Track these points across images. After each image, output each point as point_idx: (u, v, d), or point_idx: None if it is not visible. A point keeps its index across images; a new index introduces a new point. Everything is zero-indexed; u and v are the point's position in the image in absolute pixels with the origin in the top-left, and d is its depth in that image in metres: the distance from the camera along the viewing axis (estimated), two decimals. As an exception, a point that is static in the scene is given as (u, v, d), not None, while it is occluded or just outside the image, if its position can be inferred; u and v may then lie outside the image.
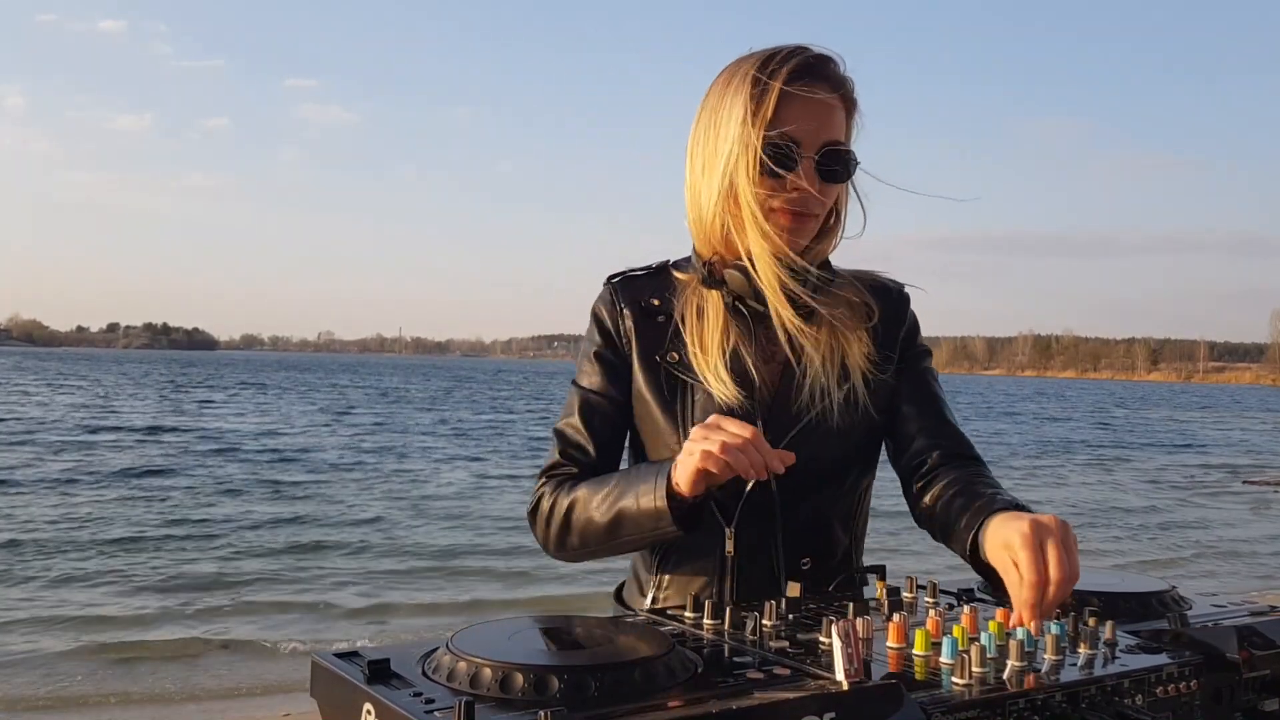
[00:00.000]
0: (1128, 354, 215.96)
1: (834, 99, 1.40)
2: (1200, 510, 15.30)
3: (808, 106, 1.37)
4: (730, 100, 1.39)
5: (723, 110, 1.40)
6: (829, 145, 1.39)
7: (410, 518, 12.31)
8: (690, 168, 1.46)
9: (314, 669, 0.98)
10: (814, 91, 1.37)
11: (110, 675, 6.12)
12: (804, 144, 1.37)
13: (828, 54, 1.40)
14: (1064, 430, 34.57)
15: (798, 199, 1.39)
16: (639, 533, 1.32)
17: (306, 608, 7.94)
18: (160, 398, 38.23)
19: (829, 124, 1.39)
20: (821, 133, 1.39)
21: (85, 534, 10.58)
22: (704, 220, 1.44)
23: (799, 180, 1.38)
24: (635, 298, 1.51)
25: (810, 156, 1.38)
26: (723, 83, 1.42)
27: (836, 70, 1.41)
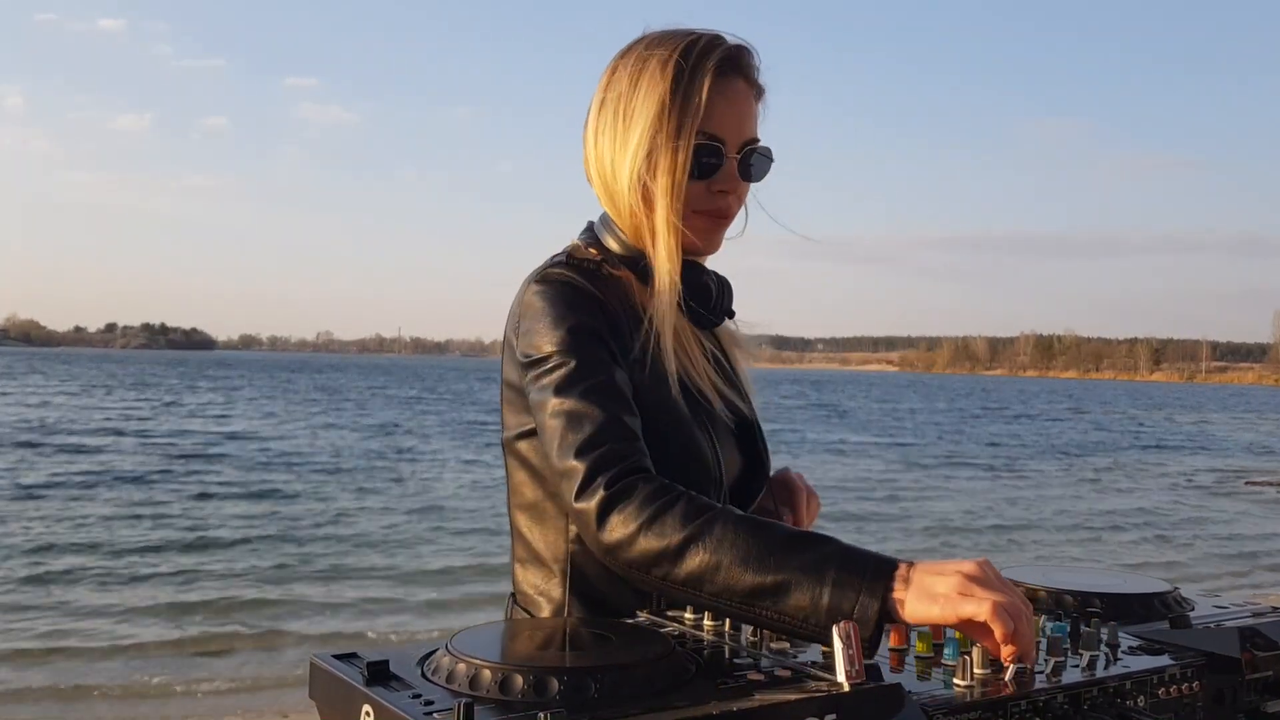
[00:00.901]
0: (1130, 354, 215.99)
1: (750, 92, 1.33)
2: (1201, 510, 15.30)
3: (731, 104, 1.29)
4: (646, 90, 1.27)
5: (636, 100, 1.28)
6: (749, 143, 1.33)
7: (409, 520, 12.33)
8: (593, 151, 1.34)
9: (313, 670, 0.97)
10: (735, 85, 1.30)
11: (109, 676, 6.12)
12: (728, 143, 1.30)
13: (744, 43, 1.33)
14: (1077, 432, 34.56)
15: (721, 203, 1.32)
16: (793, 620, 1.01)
17: (306, 607, 7.94)
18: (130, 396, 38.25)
19: (748, 120, 1.32)
20: (743, 130, 1.31)
21: (81, 535, 10.60)
22: (621, 212, 1.33)
23: (724, 182, 1.31)
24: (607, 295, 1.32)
25: (733, 156, 1.31)
26: (633, 67, 1.30)
27: (753, 61, 1.33)
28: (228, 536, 10.81)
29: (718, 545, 1.05)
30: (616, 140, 1.30)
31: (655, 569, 1.08)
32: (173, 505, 12.81)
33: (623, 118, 1.29)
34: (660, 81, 1.27)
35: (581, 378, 1.20)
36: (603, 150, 1.32)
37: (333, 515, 12.44)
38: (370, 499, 13.96)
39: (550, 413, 1.20)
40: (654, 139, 1.27)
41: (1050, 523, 13.48)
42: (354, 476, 16.43)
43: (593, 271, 1.31)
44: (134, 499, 13.09)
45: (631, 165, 1.28)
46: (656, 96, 1.26)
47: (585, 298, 1.26)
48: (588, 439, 1.15)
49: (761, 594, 1.02)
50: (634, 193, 1.29)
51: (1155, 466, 22.38)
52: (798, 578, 1.00)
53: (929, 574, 0.98)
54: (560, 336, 1.23)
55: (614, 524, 1.10)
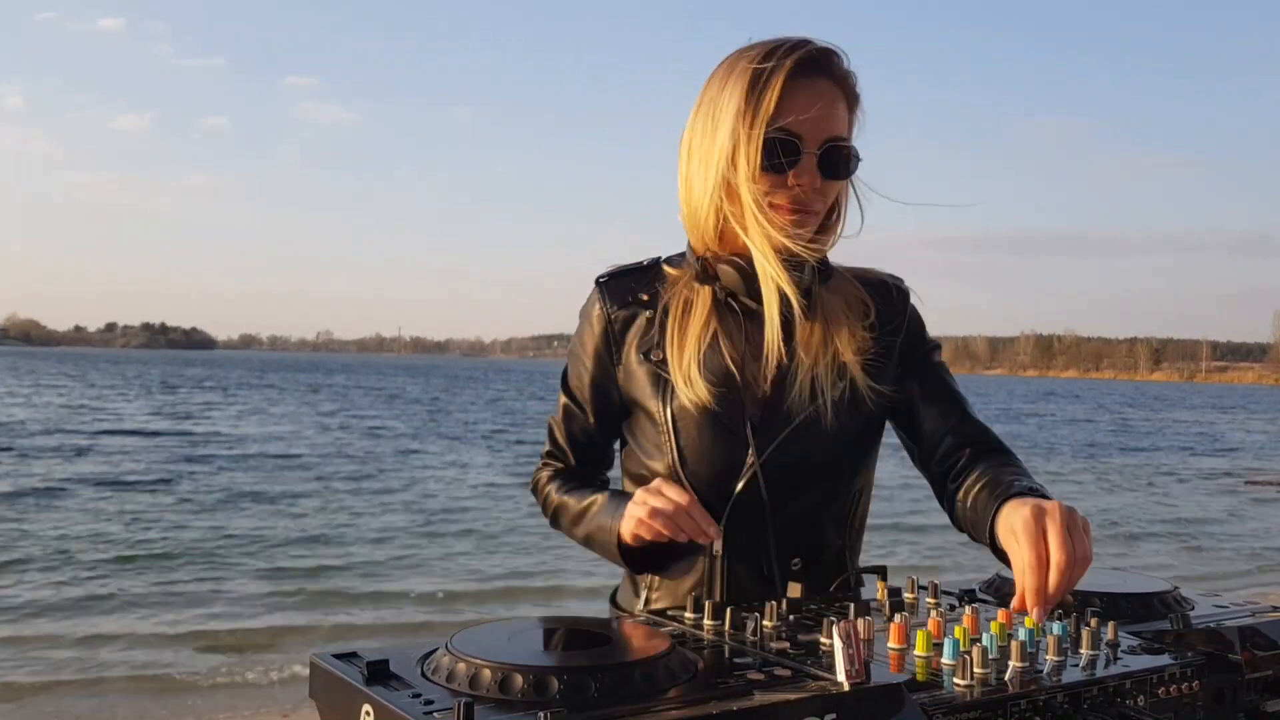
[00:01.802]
0: (1130, 354, 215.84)
1: (837, 93, 1.37)
2: (1202, 510, 15.30)
3: (811, 100, 1.33)
4: (729, 92, 1.35)
5: (721, 102, 1.36)
6: (831, 140, 1.36)
7: (407, 519, 12.33)
8: (685, 161, 1.42)
9: (313, 670, 0.97)
10: (817, 85, 1.35)
11: (107, 675, 6.11)
12: (806, 139, 1.34)
13: (831, 47, 1.37)
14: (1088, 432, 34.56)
15: (799, 195, 1.36)
16: (605, 556, 1.46)
17: (304, 608, 7.94)
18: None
19: (832, 119, 1.36)
20: (824, 127, 1.35)
21: (81, 537, 10.60)
22: (698, 215, 1.41)
23: (801, 176, 1.35)
24: (624, 295, 1.49)
25: (813, 152, 1.35)
26: (722, 74, 1.38)
27: (840, 64, 1.38)
28: (229, 536, 10.80)
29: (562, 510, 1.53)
30: (706, 138, 1.38)
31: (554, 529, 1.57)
32: (173, 506, 12.80)
33: (711, 118, 1.38)
34: (743, 81, 1.34)
35: (557, 405, 1.57)
36: (692, 151, 1.41)
37: (339, 516, 12.44)
38: (379, 500, 13.96)
39: None
40: (735, 134, 1.34)
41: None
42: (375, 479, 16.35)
43: (610, 280, 1.51)
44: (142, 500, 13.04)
45: (718, 162, 1.36)
46: (738, 96, 1.34)
47: (589, 318, 1.51)
48: (544, 450, 1.61)
49: (586, 545, 1.49)
50: (718, 191, 1.37)
51: (1150, 465, 22.38)
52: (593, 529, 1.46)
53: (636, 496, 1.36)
54: (568, 365, 1.56)
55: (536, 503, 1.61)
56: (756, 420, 1.41)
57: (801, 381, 1.41)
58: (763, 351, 1.42)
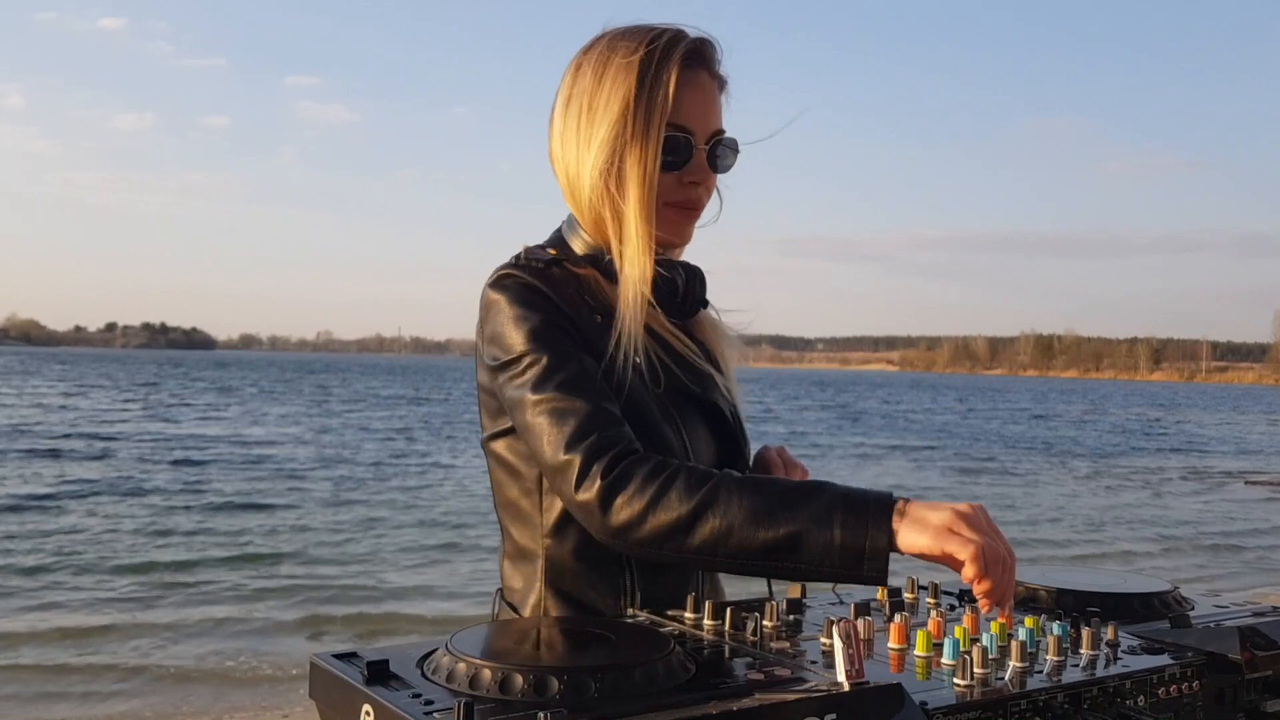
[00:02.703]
0: (1130, 354, 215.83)
1: (714, 85, 1.34)
2: (1202, 510, 15.30)
3: (697, 96, 1.31)
4: (611, 86, 1.28)
5: (600, 96, 1.28)
6: (717, 134, 1.34)
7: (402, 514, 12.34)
8: (558, 150, 1.34)
9: (313, 670, 0.97)
10: (699, 78, 1.31)
11: (107, 675, 6.12)
12: (696, 134, 1.31)
13: (707, 36, 1.34)
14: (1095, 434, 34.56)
15: (691, 193, 1.33)
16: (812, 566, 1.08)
17: (304, 607, 7.94)
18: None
19: (714, 112, 1.34)
20: (710, 121, 1.33)
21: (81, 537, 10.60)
22: (583, 211, 1.34)
23: (695, 173, 1.32)
24: (567, 293, 1.31)
25: (702, 147, 1.32)
26: (596, 65, 1.30)
27: (715, 54, 1.34)
28: (228, 538, 10.80)
29: (726, 510, 1.10)
30: (581, 137, 1.30)
31: (669, 543, 1.12)
32: (180, 506, 12.80)
33: (588, 114, 1.29)
34: (626, 77, 1.27)
35: (556, 371, 1.22)
36: (568, 148, 1.32)
37: (319, 514, 12.44)
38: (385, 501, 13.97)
39: (532, 411, 1.21)
40: (621, 134, 1.27)
41: (1062, 521, 13.49)
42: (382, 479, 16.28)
43: (544, 270, 1.31)
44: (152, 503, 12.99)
45: (597, 161, 1.29)
46: (622, 92, 1.27)
47: (539, 295, 1.27)
48: (576, 431, 1.17)
49: (777, 549, 1.08)
50: (598, 190, 1.30)
51: (1150, 465, 22.38)
52: (808, 527, 1.07)
53: (924, 508, 1.06)
54: (526, 333, 1.24)
55: (619, 508, 1.13)
56: (718, 413, 1.38)
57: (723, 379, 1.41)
58: (696, 350, 1.39)
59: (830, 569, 1.07)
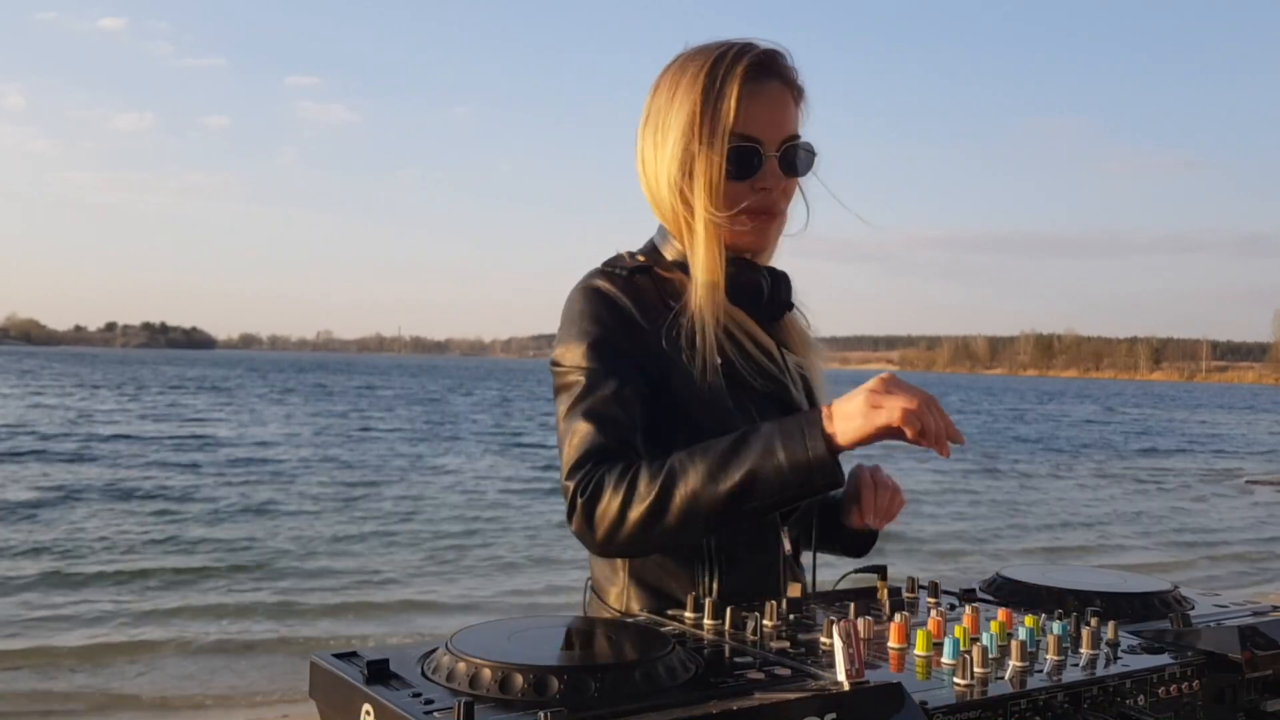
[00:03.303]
0: (1130, 353, 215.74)
1: (786, 92, 1.39)
2: (1202, 509, 15.29)
3: (765, 104, 1.35)
4: (680, 103, 1.35)
5: (671, 113, 1.36)
6: (789, 140, 1.38)
7: (407, 512, 12.33)
8: (643, 169, 1.42)
9: (313, 670, 0.97)
10: (768, 87, 1.36)
11: (104, 677, 6.11)
12: (766, 142, 1.36)
13: (776, 47, 1.39)
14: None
15: (765, 199, 1.37)
16: (775, 494, 1.18)
17: (304, 607, 7.94)
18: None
19: (786, 119, 1.38)
20: (781, 128, 1.37)
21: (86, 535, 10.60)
22: (667, 220, 1.43)
23: (766, 179, 1.36)
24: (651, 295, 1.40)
25: (773, 154, 1.37)
26: (669, 84, 1.38)
27: (786, 63, 1.39)
28: (228, 540, 10.80)
29: (685, 480, 1.20)
30: (657, 151, 1.39)
31: (653, 528, 1.21)
32: (185, 508, 12.79)
33: (660, 129, 1.38)
34: (691, 92, 1.34)
35: (590, 394, 1.31)
36: (647, 163, 1.41)
37: (319, 513, 12.44)
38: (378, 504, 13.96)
39: (561, 424, 1.32)
40: (688, 146, 1.35)
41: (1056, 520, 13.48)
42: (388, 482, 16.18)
43: (627, 278, 1.39)
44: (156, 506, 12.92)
45: (670, 173, 1.37)
46: (688, 106, 1.34)
47: (612, 308, 1.36)
48: (577, 460, 1.27)
49: (741, 493, 1.18)
50: (673, 198, 1.38)
51: (1152, 466, 22.36)
52: (758, 463, 1.18)
53: (842, 402, 1.17)
54: (584, 349, 1.33)
55: (599, 519, 1.23)
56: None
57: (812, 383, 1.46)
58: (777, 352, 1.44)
59: (791, 491, 1.18)
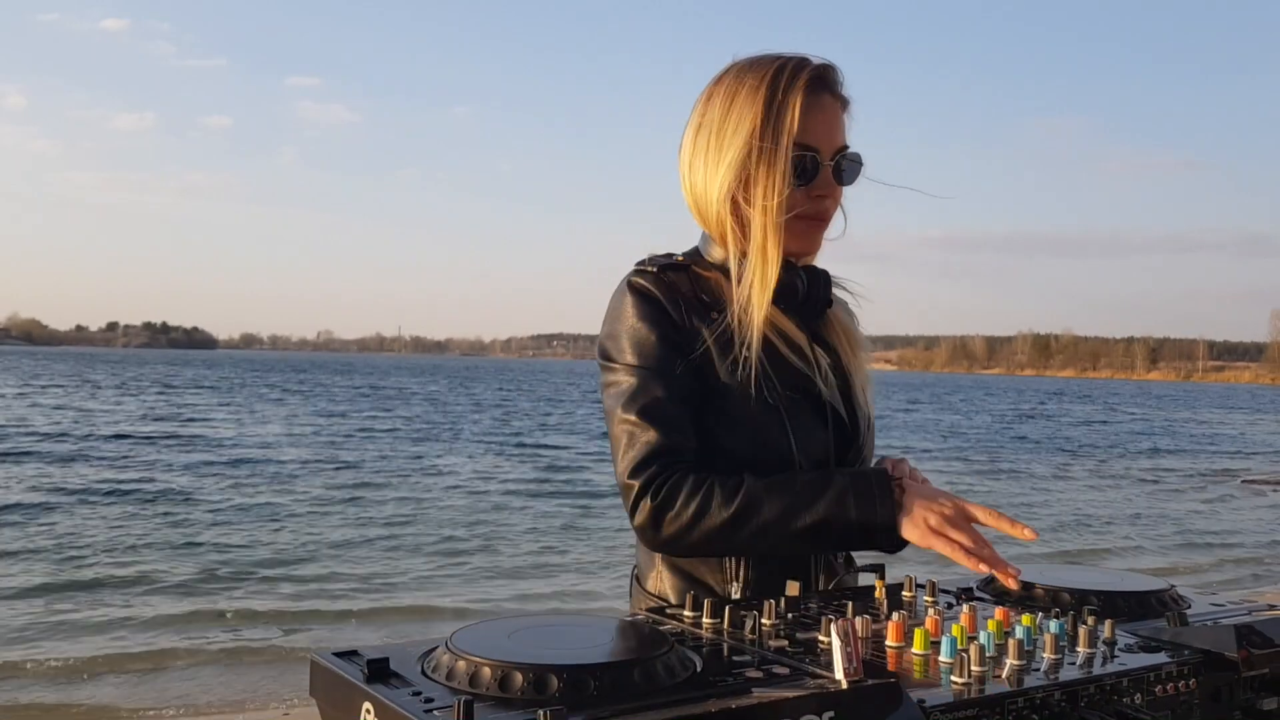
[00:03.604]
0: (1127, 353, 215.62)
1: (838, 105, 1.47)
2: (1200, 509, 15.31)
3: (822, 115, 1.43)
4: (741, 112, 1.41)
5: (730, 123, 1.42)
6: (841, 150, 1.46)
7: (407, 514, 12.33)
8: (687, 174, 1.48)
9: (313, 668, 0.98)
10: (823, 100, 1.44)
11: (105, 679, 6.11)
12: (821, 151, 1.44)
13: (828, 62, 1.46)
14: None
15: (819, 206, 1.45)
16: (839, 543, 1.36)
17: (304, 607, 7.93)
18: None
19: (839, 130, 1.46)
20: (834, 139, 1.45)
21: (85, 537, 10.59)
22: (710, 225, 1.48)
23: (822, 187, 1.44)
24: (689, 293, 1.46)
25: (827, 163, 1.44)
26: (725, 93, 1.44)
27: (838, 77, 1.47)
28: (227, 537, 10.80)
29: (759, 513, 1.31)
30: (710, 159, 1.44)
31: (717, 544, 1.34)
32: (184, 510, 12.77)
33: (716, 138, 1.43)
34: (753, 103, 1.41)
35: (643, 392, 1.39)
36: (696, 171, 1.47)
37: (320, 512, 12.43)
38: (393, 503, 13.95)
39: (616, 423, 1.40)
40: (749, 155, 1.41)
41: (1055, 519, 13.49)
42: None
43: (658, 273, 1.45)
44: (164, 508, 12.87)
45: (725, 180, 1.43)
46: (750, 117, 1.40)
47: (657, 307, 1.42)
48: (640, 460, 1.36)
49: (809, 535, 1.32)
50: (725, 204, 1.44)
51: (1153, 466, 22.38)
52: (830, 514, 1.31)
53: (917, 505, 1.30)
54: (634, 346, 1.41)
55: (667, 524, 1.34)
56: (845, 414, 1.50)
57: (852, 380, 1.53)
58: (809, 349, 1.49)
59: (854, 544, 1.35)
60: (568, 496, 14.59)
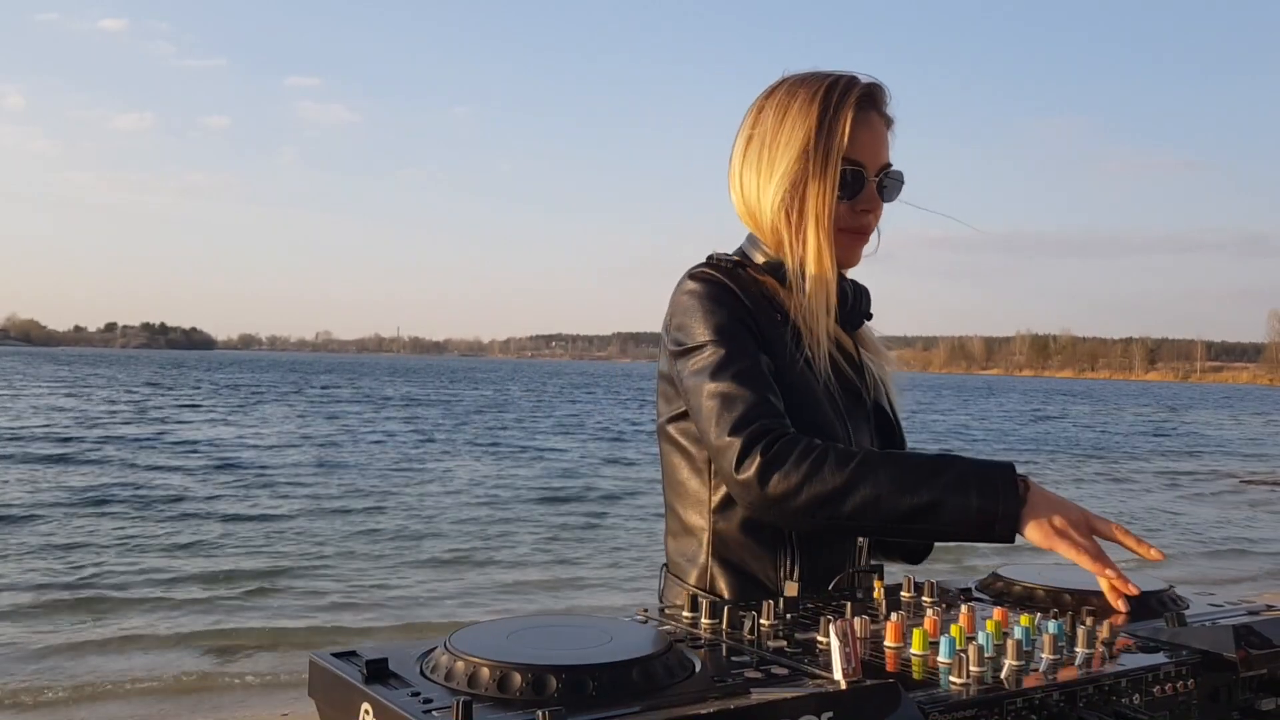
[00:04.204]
0: (1125, 353, 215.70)
1: (883, 124, 1.52)
2: (1199, 509, 15.32)
3: (869, 133, 1.49)
4: (794, 126, 1.46)
5: (783, 135, 1.47)
6: (885, 168, 1.51)
7: (405, 515, 12.32)
8: (742, 185, 1.53)
9: (312, 669, 0.98)
10: (871, 118, 1.49)
11: (103, 678, 6.11)
12: (868, 168, 1.49)
13: (877, 81, 1.51)
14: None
15: (863, 220, 1.51)
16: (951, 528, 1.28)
17: (303, 608, 7.93)
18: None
19: (884, 148, 1.51)
20: (880, 156, 1.50)
21: (80, 534, 10.58)
22: (765, 233, 1.53)
23: (867, 202, 1.49)
24: (748, 290, 1.49)
25: (873, 179, 1.49)
26: (778, 107, 1.48)
27: (886, 97, 1.52)
28: (227, 538, 10.79)
29: (874, 482, 1.28)
30: (762, 170, 1.49)
31: (822, 510, 1.30)
32: (185, 510, 12.76)
33: (769, 150, 1.48)
34: (806, 118, 1.46)
35: (731, 362, 1.39)
36: (748, 180, 1.52)
37: (319, 512, 12.43)
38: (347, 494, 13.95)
39: (706, 395, 1.39)
40: (801, 167, 1.46)
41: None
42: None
43: (732, 270, 1.49)
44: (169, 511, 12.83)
45: (778, 190, 1.47)
46: (803, 131, 1.46)
47: (729, 293, 1.45)
48: (741, 417, 1.35)
49: (920, 513, 1.27)
50: (779, 215, 1.48)
51: (1147, 466, 22.38)
52: (947, 495, 1.26)
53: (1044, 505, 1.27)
54: (712, 326, 1.42)
55: (776, 482, 1.31)
56: (880, 415, 1.60)
57: (886, 387, 1.61)
58: (856, 355, 1.58)
59: (966, 529, 1.27)
60: (574, 501, 14.48)
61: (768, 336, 1.45)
